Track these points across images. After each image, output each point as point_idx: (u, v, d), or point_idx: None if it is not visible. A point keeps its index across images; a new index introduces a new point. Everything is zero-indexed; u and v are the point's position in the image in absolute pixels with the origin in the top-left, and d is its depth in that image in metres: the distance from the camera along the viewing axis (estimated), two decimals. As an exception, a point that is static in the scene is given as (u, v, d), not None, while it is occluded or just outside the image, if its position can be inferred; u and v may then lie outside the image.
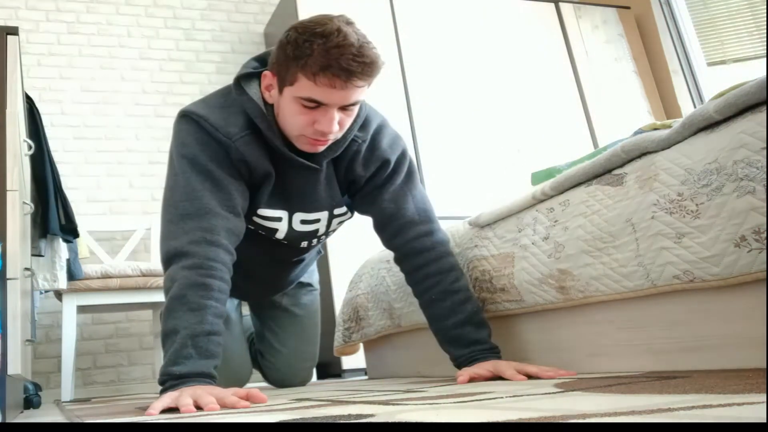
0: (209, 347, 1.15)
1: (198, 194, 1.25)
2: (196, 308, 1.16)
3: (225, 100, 1.32)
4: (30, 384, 2.23)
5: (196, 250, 1.20)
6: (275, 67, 1.24)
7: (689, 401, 0.59)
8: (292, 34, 1.19)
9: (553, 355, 1.33)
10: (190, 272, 1.18)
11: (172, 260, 1.22)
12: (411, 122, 3.41)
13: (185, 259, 1.20)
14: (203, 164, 1.27)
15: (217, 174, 1.27)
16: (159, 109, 3.58)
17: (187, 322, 1.14)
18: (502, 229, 1.42)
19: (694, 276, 0.98)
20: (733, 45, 3.95)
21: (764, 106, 0.93)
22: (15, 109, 1.59)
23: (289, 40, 1.19)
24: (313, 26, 1.16)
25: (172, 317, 1.16)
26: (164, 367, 1.13)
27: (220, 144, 1.28)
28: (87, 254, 2.88)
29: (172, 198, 1.28)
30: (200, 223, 1.23)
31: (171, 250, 1.23)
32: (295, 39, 1.18)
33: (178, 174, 1.28)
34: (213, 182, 1.27)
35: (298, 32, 1.18)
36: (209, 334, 1.16)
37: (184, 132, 1.30)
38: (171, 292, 1.19)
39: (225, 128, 1.28)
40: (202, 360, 1.13)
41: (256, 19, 3.98)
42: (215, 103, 1.32)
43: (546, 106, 3.79)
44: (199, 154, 1.27)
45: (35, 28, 3.46)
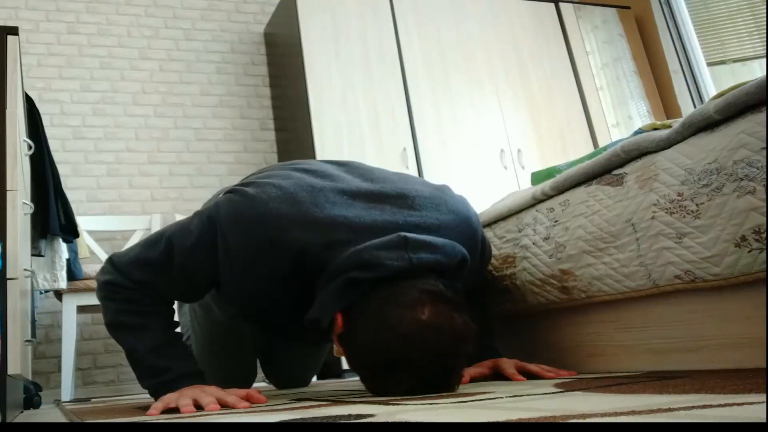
0: (179, 351, 1.15)
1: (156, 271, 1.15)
2: (139, 328, 1.15)
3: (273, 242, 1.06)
4: (30, 384, 2.23)
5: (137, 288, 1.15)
6: (347, 332, 1.01)
7: (689, 401, 0.59)
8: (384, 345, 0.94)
9: (553, 355, 1.33)
10: (118, 305, 1.16)
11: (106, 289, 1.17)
12: (411, 122, 3.41)
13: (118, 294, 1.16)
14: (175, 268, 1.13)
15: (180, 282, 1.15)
16: (159, 109, 3.58)
17: (138, 339, 1.14)
18: (502, 229, 1.42)
19: (695, 276, 0.98)
20: (733, 45, 3.95)
21: (764, 106, 0.93)
22: (15, 109, 1.59)
23: (377, 347, 0.95)
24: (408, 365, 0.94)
25: (126, 337, 1.15)
26: (148, 380, 1.14)
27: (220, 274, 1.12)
28: (87, 254, 2.88)
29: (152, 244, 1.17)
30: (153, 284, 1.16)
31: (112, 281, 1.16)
32: (380, 353, 0.95)
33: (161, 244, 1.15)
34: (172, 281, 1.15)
35: (389, 351, 0.94)
36: (173, 341, 1.16)
37: (197, 230, 1.12)
38: (106, 317, 1.17)
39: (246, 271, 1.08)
40: (183, 362, 1.14)
41: (256, 19, 3.98)
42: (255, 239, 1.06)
43: (546, 106, 3.79)
44: (181, 262, 1.12)
45: (35, 28, 3.46)
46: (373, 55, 3.46)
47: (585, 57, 4.01)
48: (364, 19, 3.51)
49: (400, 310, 0.94)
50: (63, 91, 3.42)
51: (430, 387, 0.96)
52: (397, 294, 0.96)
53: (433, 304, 0.95)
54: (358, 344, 0.99)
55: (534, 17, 3.98)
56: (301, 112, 3.36)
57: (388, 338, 0.94)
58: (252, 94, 3.81)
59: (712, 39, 4.00)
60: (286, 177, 1.13)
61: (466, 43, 3.71)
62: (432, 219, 1.11)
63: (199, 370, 1.16)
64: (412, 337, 0.92)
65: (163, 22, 3.74)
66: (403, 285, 0.97)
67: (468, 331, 0.97)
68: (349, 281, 1.00)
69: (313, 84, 3.28)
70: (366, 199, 1.11)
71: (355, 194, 1.11)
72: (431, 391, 0.97)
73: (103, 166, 3.39)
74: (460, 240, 1.13)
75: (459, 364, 0.98)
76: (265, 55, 3.93)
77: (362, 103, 3.34)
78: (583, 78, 3.94)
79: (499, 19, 3.86)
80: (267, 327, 1.34)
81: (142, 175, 3.45)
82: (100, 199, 3.34)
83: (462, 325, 0.96)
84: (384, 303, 0.96)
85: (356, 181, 1.15)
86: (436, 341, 0.93)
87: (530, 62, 3.85)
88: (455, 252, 1.06)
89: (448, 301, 0.97)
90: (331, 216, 1.06)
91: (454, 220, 1.14)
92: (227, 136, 3.67)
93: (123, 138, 3.47)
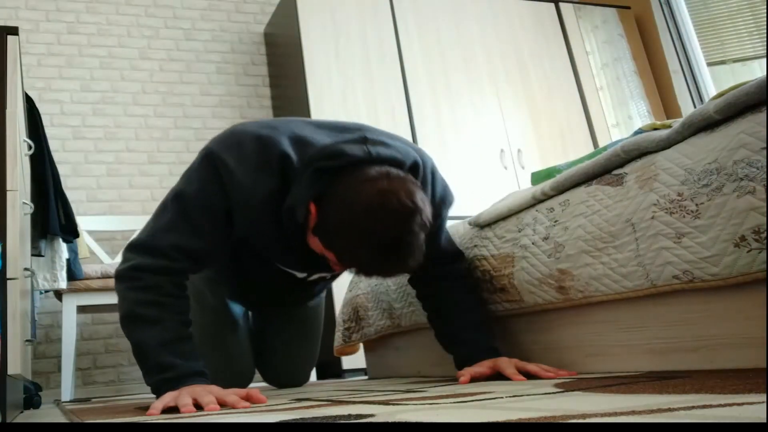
0: (186, 350, 1.16)
1: (177, 231, 1.20)
2: (154, 322, 1.16)
3: (264, 158, 1.19)
4: (30, 384, 2.23)
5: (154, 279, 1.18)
6: (320, 217, 1.12)
7: (689, 401, 0.59)
8: (349, 217, 1.05)
9: (553, 355, 1.33)
10: (138, 294, 1.17)
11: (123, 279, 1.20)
12: (411, 122, 3.41)
13: (136, 281, 1.18)
14: (193, 214, 1.20)
15: (206, 230, 1.21)
16: (159, 109, 3.58)
17: (153, 332, 1.15)
18: (502, 229, 1.42)
19: (693, 276, 0.98)
20: (733, 45, 3.95)
21: (764, 106, 0.93)
22: (15, 109, 1.59)
23: (344, 221, 1.06)
24: (372, 229, 1.04)
25: (136, 332, 1.16)
26: (152, 376, 1.14)
27: (236, 201, 1.20)
28: (87, 254, 2.88)
29: (161, 214, 1.24)
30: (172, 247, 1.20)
31: (141, 246, 1.20)
32: (348, 226, 1.06)
33: (177, 202, 1.22)
34: (193, 231, 1.21)
35: (355, 221, 1.05)
36: (182, 338, 1.17)
37: (198, 174, 1.21)
38: (123, 309, 1.18)
39: (247, 190, 1.19)
40: (188, 362, 1.14)
41: (256, 19, 3.98)
42: (251, 157, 1.19)
43: (546, 106, 3.79)
44: (195, 204, 1.20)
45: (35, 28, 3.46)
46: (373, 55, 3.46)
47: (585, 57, 4.01)
48: (364, 19, 3.52)
49: (363, 185, 1.07)
50: (63, 91, 3.42)
51: (394, 253, 1.05)
52: (359, 175, 1.09)
53: (391, 179, 1.08)
54: (329, 225, 1.10)
55: (534, 17, 3.98)
56: (301, 112, 3.36)
57: (353, 210, 1.05)
58: (252, 94, 3.81)
59: (712, 39, 4.00)
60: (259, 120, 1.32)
61: (466, 43, 3.71)
62: (389, 140, 1.23)
63: (204, 370, 1.16)
64: (374, 204, 1.04)
65: (163, 22, 3.74)
66: (364, 168, 1.11)
67: (425, 200, 1.09)
68: (317, 171, 1.13)
69: (313, 84, 3.28)
70: (329, 128, 1.26)
71: (320, 125, 1.28)
72: (397, 255, 1.06)
73: (103, 166, 3.39)
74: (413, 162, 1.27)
75: (418, 230, 1.07)
76: (265, 55, 3.93)
77: (362, 103, 3.34)
78: (583, 78, 3.94)
79: (499, 19, 3.86)
80: (257, 288, 1.41)
81: (142, 175, 3.45)
82: (100, 199, 3.34)
83: (419, 194, 1.08)
84: (348, 183, 1.09)
85: (319, 120, 1.32)
86: (395, 206, 1.04)
87: (530, 62, 3.85)
88: (408, 153, 1.21)
89: (404, 178, 1.10)
90: (302, 135, 1.22)
91: (408, 146, 1.28)
92: (227, 136, 3.67)
93: (123, 138, 3.47)
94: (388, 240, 1.04)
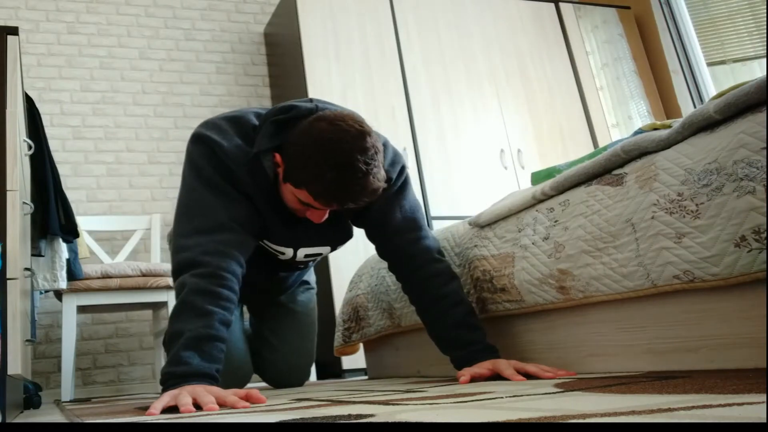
0: (212, 352, 1.16)
1: (212, 210, 1.29)
2: (202, 313, 1.17)
3: (240, 129, 1.35)
4: (30, 384, 2.23)
5: (208, 260, 1.23)
6: (285, 161, 1.27)
7: (689, 401, 0.59)
8: (308, 148, 1.20)
9: (553, 355, 1.33)
10: (200, 280, 1.21)
11: (183, 270, 1.25)
12: (411, 122, 3.41)
13: (196, 268, 1.23)
14: (217, 183, 1.31)
15: (230, 193, 1.32)
16: (159, 109, 3.58)
17: (193, 325, 1.16)
18: (502, 229, 1.42)
19: (694, 276, 0.98)
20: (733, 45, 3.95)
21: (764, 106, 0.93)
22: (15, 109, 1.59)
23: (304, 153, 1.21)
24: (329, 148, 1.17)
25: (178, 320, 1.18)
26: (166, 367, 1.14)
27: (231, 169, 1.32)
28: (87, 254, 2.88)
29: (187, 214, 1.31)
30: (214, 236, 1.27)
31: (182, 261, 1.25)
32: (308, 157, 1.20)
33: (192, 190, 1.32)
34: (226, 199, 1.31)
35: (314, 149, 1.19)
36: (213, 339, 1.17)
37: (198, 154, 1.34)
38: (180, 296, 1.21)
39: (237, 157, 1.32)
40: (205, 362, 1.14)
41: (256, 19, 3.98)
42: (230, 131, 1.35)
43: (546, 106, 3.79)
44: (213, 174, 1.31)
45: (35, 28, 3.46)
46: (373, 55, 3.46)
47: (585, 57, 4.01)
48: (364, 19, 3.51)
49: (316, 122, 1.22)
50: (63, 91, 3.42)
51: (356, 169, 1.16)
52: (311, 119, 1.24)
53: (341, 113, 1.24)
54: (295, 164, 1.23)
55: (534, 17, 3.98)
56: (301, 112, 3.35)
57: (311, 142, 1.19)
58: (252, 94, 3.81)
59: (712, 39, 4.00)
60: None
61: (466, 43, 3.71)
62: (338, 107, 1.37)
63: (213, 374, 1.15)
64: (328, 130, 1.18)
65: (163, 22, 3.74)
66: (317, 115, 1.25)
67: (374, 132, 1.22)
68: (274, 123, 1.30)
69: (313, 84, 3.28)
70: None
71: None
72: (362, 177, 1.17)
73: (103, 166, 3.39)
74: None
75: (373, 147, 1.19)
76: (265, 55, 3.93)
77: (362, 103, 3.34)
78: (583, 78, 3.94)
79: (499, 19, 3.86)
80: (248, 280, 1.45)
81: (142, 175, 3.45)
82: (100, 199, 3.34)
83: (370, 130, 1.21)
84: (303, 127, 1.24)
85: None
86: (346, 125, 1.18)
87: (530, 62, 3.85)
88: (359, 117, 1.27)
89: (353, 112, 1.26)
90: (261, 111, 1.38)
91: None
92: (227, 136, 3.67)
93: (123, 138, 3.47)
94: (347, 156, 1.16)
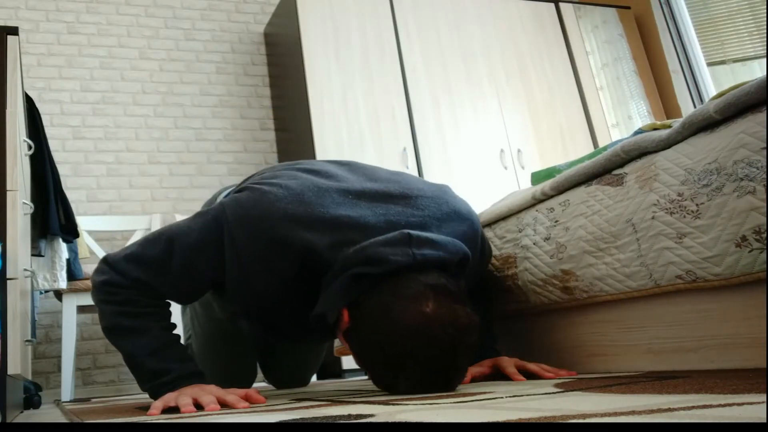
0: (176, 353, 1.15)
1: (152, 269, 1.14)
2: (139, 332, 1.13)
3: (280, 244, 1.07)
4: (30, 384, 2.23)
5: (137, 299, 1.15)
6: (354, 331, 1.02)
7: (689, 401, 0.59)
8: (387, 343, 0.96)
9: (553, 355, 1.33)
10: (117, 307, 1.14)
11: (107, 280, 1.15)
12: (411, 122, 3.41)
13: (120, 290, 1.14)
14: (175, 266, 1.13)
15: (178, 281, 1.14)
16: (159, 109, 3.58)
17: (139, 343, 1.12)
18: (502, 229, 1.42)
19: (696, 276, 0.98)
20: (733, 45, 3.95)
21: (764, 106, 0.93)
22: (15, 109, 1.59)
23: (381, 345, 0.97)
24: (415, 356, 0.95)
25: (121, 343, 1.14)
26: (148, 382, 1.13)
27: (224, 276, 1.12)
28: (87, 254, 2.88)
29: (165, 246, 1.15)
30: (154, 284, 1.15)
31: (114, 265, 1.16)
32: (386, 355, 0.97)
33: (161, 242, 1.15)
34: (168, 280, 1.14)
35: (393, 351, 0.96)
36: (172, 342, 1.15)
37: (201, 232, 1.12)
38: (105, 321, 1.15)
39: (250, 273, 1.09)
40: (184, 364, 1.14)
41: (256, 19, 3.98)
42: (264, 243, 1.07)
43: (546, 106, 3.79)
44: (182, 259, 1.12)
45: (35, 28, 3.46)
46: (373, 55, 3.46)
47: (585, 57, 4.01)
48: (364, 19, 3.51)
49: (405, 303, 0.96)
50: (63, 91, 3.42)
51: (436, 381, 0.97)
52: (401, 288, 0.98)
53: (437, 296, 0.97)
54: (364, 339, 1.00)
55: (534, 17, 3.98)
56: (301, 112, 3.36)
57: (392, 331, 0.95)
58: (252, 94, 3.81)
59: (712, 39, 4.00)
60: (291, 177, 1.15)
61: (466, 43, 3.71)
62: (435, 218, 1.13)
63: (199, 370, 1.15)
64: (417, 329, 0.94)
65: (163, 22, 3.74)
66: (406, 279, 0.99)
67: (471, 323, 0.98)
68: (354, 276, 1.01)
69: (313, 84, 3.28)
70: (370, 198, 1.13)
71: (360, 194, 1.13)
72: (437, 386, 0.97)
73: (103, 166, 3.39)
74: (462, 239, 1.15)
75: (463, 356, 0.98)
76: (265, 55, 3.93)
77: (362, 103, 3.34)
78: (583, 78, 3.94)
79: (499, 20, 3.86)
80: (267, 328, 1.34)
81: (142, 175, 3.45)
82: (100, 199, 3.34)
83: (465, 317, 0.98)
84: (388, 297, 0.98)
85: (360, 181, 1.17)
86: (440, 333, 0.94)
87: (530, 62, 3.85)
88: (457, 249, 1.07)
89: (450, 294, 0.99)
90: (336, 216, 1.08)
91: (455, 219, 1.16)
92: (227, 136, 3.67)
93: (123, 138, 3.47)
94: (428, 370, 0.96)
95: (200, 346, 1.63)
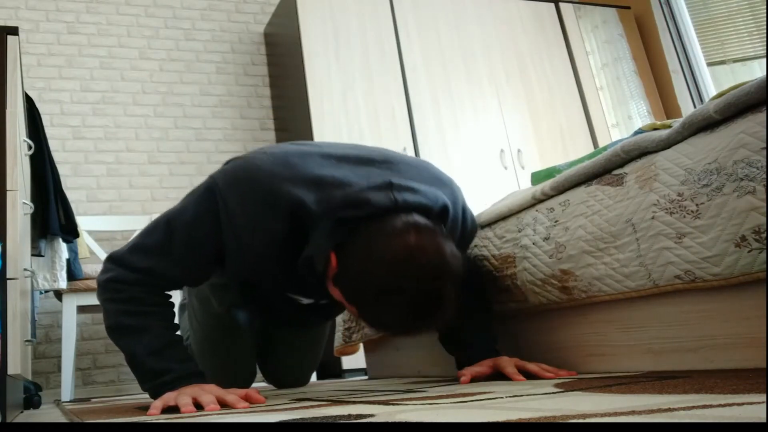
0: (176, 353, 1.16)
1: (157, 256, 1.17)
2: (141, 331, 1.15)
3: (269, 200, 1.11)
4: (30, 384, 2.23)
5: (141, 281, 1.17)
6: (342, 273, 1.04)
7: (689, 401, 0.59)
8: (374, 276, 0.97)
9: (553, 355, 1.33)
10: (120, 305, 1.17)
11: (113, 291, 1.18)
12: (411, 122, 3.41)
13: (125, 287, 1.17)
14: (178, 245, 1.16)
15: (185, 259, 1.17)
16: (159, 109, 3.58)
17: (140, 343, 1.14)
18: (501, 229, 1.42)
19: (695, 276, 0.98)
20: (733, 45, 3.95)
21: (764, 106, 0.93)
22: (15, 109, 1.59)
23: (369, 280, 0.98)
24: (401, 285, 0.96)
25: (123, 343, 1.16)
26: (149, 381, 1.14)
27: (223, 242, 1.15)
28: (87, 254, 2.88)
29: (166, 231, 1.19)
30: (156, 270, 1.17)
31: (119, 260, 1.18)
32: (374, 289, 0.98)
33: (159, 227, 1.19)
34: (173, 261, 1.17)
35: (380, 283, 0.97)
36: (175, 342, 1.17)
37: (195, 206, 1.16)
38: (108, 320, 1.17)
39: (246, 233, 1.12)
40: (184, 364, 1.14)
41: (256, 19, 3.98)
42: (255, 201, 1.11)
43: (546, 106, 3.79)
44: (183, 236, 1.15)
45: (35, 28, 3.46)
46: (373, 55, 3.46)
47: (585, 57, 4.01)
48: (364, 19, 3.51)
49: (388, 239, 0.99)
50: (63, 91, 3.42)
51: (424, 313, 0.98)
52: (384, 226, 1.01)
53: (419, 231, 1.00)
54: (352, 278, 1.02)
55: (534, 17, 3.98)
56: (301, 112, 3.36)
57: (378, 266, 0.97)
58: (252, 94, 3.81)
59: (712, 39, 4.00)
60: (275, 147, 1.22)
61: (466, 43, 3.71)
62: (416, 182, 1.15)
63: (200, 370, 1.16)
64: (401, 260, 0.96)
65: (163, 22, 3.74)
66: (389, 218, 1.02)
67: (454, 253, 1.01)
68: (339, 220, 1.05)
69: (313, 84, 3.28)
70: (353, 162, 1.17)
71: (342, 158, 1.17)
72: (425, 319, 0.99)
73: (103, 166, 3.39)
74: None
75: (449, 286, 0.99)
76: (265, 55, 3.93)
77: (362, 103, 3.34)
78: (583, 78, 3.94)
79: (499, 19, 3.86)
80: (264, 304, 1.36)
81: (142, 175, 3.45)
82: (100, 199, 3.34)
83: (448, 247, 1.00)
84: (373, 235, 1.01)
85: (343, 148, 1.22)
86: (424, 262, 0.96)
87: (530, 62, 3.85)
88: (437, 198, 1.12)
89: (432, 231, 1.01)
90: (321, 175, 1.12)
91: (436, 185, 1.21)
92: (227, 136, 3.67)
93: (123, 138, 3.47)
94: (416, 301, 0.97)
95: (199, 344, 1.63)
